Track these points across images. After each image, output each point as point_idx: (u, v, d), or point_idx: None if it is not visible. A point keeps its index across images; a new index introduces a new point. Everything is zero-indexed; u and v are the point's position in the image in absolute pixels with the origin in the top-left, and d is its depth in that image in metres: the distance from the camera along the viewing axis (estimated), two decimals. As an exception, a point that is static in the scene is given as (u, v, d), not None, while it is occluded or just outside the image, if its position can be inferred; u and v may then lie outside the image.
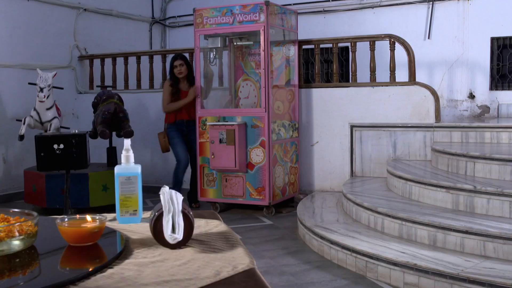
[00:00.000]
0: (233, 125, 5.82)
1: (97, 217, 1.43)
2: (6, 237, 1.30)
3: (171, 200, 1.40)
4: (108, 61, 7.94)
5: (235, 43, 6.58)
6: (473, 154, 4.79)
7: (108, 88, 7.32)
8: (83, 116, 7.94)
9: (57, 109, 6.63)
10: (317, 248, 4.55)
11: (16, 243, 1.33)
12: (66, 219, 1.43)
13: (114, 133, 6.62)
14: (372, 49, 6.18)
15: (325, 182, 6.46)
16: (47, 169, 5.74)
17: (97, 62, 8.05)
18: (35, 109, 6.43)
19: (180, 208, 1.39)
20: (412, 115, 5.99)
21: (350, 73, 6.37)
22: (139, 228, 1.62)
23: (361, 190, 5.40)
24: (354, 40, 6.29)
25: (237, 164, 5.81)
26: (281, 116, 6.27)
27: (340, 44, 6.81)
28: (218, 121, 5.99)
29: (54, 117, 6.47)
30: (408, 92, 6.01)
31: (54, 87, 6.47)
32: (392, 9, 8.02)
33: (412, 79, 6.05)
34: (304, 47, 6.74)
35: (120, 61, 7.83)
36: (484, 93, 7.61)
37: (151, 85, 7.57)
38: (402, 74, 6.53)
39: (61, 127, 6.72)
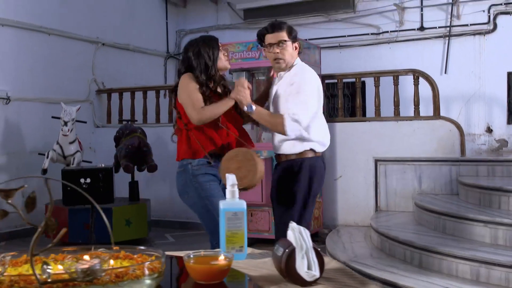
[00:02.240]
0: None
1: (223, 254, 1.40)
2: (142, 274, 1.27)
3: (301, 236, 1.38)
4: (126, 95, 7.97)
5: (257, 78, 6.62)
6: (507, 188, 4.78)
7: (130, 122, 7.32)
8: (100, 150, 7.92)
9: (79, 143, 6.61)
10: (354, 283, 4.48)
11: (148, 282, 1.30)
12: (191, 255, 1.40)
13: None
14: (396, 83, 6.23)
15: (349, 216, 6.42)
16: (73, 203, 5.68)
17: (114, 96, 8.07)
18: (58, 143, 6.40)
19: (311, 244, 1.37)
20: (438, 149, 6.00)
21: (374, 107, 6.39)
22: (249, 264, 1.60)
23: (391, 224, 5.36)
24: (378, 74, 6.35)
25: (264, 198, 5.77)
26: (304, 150, 6.25)
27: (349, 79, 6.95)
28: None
29: (77, 151, 6.44)
30: (432, 127, 6.04)
31: (77, 121, 6.47)
32: (408, 44, 8.13)
33: (436, 114, 6.09)
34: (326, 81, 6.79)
35: (138, 95, 7.85)
36: (501, 127, 7.66)
37: (170, 119, 7.57)
38: (421, 109, 6.56)
39: (83, 161, 6.69)
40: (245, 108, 3.06)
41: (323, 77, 6.55)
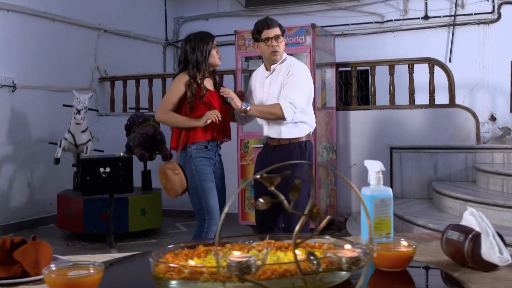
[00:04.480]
0: (280, 147, 5.77)
1: (403, 241, 1.39)
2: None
3: (483, 221, 1.37)
4: (130, 83, 7.83)
5: (270, 66, 6.58)
6: (533, 174, 4.87)
7: (139, 110, 7.19)
8: (103, 139, 7.77)
9: (90, 132, 6.49)
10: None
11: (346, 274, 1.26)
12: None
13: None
14: (411, 72, 6.27)
15: (363, 204, 6.44)
16: (92, 193, 5.59)
17: (118, 84, 7.92)
18: (69, 132, 6.26)
19: (493, 228, 1.37)
20: (453, 137, 6.07)
21: (389, 96, 6.41)
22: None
23: (413, 211, 5.41)
24: (392, 63, 6.37)
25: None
26: (319, 139, 6.26)
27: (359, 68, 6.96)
28: (263, 143, 5.93)
29: (89, 140, 6.32)
30: (448, 115, 6.10)
31: (89, 109, 6.34)
32: (412, 33, 8.18)
33: (452, 102, 6.15)
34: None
35: (143, 82, 7.73)
36: (505, 115, 7.79)
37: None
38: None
39: (94, 150, 6.57)
40: (243, 107, 3.51)
41: (337, 65, 6.56)
